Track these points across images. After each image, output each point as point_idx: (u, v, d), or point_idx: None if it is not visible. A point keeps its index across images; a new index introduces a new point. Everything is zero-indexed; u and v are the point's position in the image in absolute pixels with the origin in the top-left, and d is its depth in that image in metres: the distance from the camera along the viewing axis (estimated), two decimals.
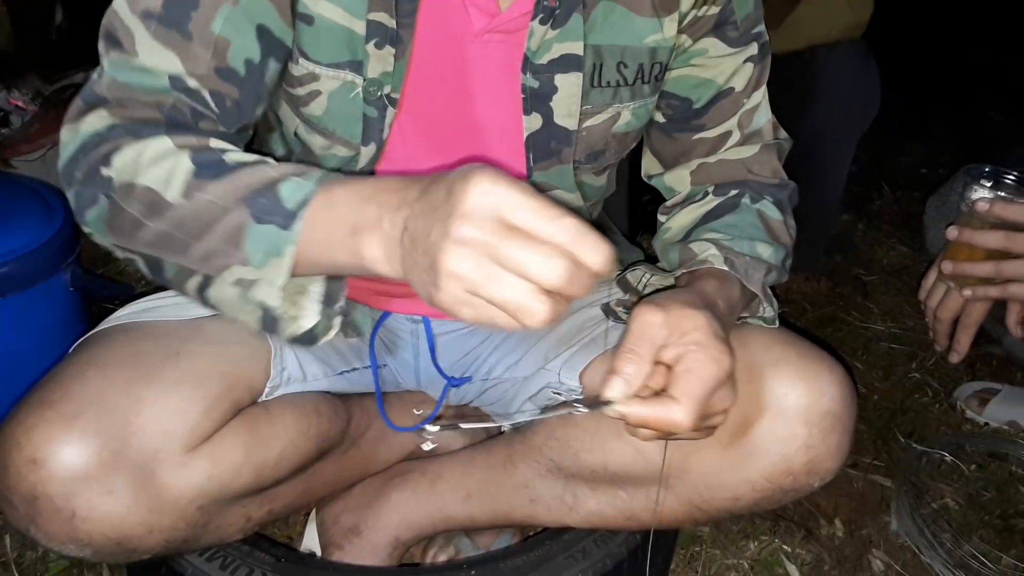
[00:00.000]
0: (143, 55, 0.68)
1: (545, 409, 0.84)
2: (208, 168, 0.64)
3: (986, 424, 1.40)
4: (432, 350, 0.95)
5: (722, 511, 0.80)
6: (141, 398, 0.69)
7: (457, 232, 0.51)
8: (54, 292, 1.13)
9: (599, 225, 0.98)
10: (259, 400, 0.79)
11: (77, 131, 0.69)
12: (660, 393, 0.63)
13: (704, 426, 0.65)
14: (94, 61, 1.97)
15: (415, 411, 1.00)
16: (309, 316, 0.66)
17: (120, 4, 0.70)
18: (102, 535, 0.68)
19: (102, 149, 0.67)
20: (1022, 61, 2.49)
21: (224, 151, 0.67)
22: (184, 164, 0.65)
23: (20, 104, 1.73)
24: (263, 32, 0.71)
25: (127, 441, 0.68)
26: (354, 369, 0.91)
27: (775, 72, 1.41)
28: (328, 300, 0.67)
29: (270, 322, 0.66)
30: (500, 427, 0.96)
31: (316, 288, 0.66)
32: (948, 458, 1.30)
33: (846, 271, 1.84)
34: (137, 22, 0.68)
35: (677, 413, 0.61)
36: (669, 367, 0.63)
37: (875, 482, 1.27)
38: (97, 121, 0.68)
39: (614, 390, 0.61)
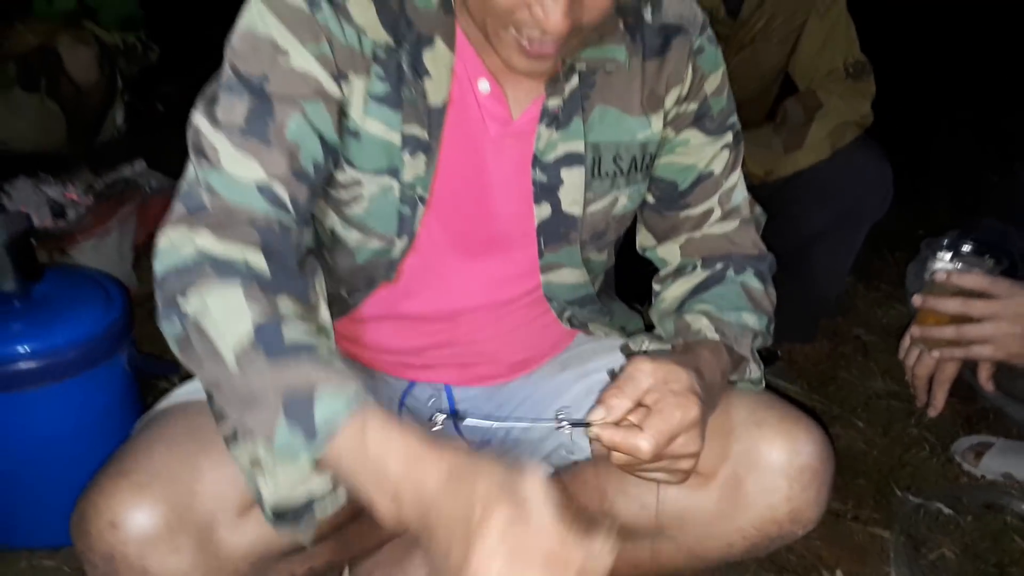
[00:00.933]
0: (228, 165, 0.77)
1: (535, 421, 0.94)
2: (264, 339, 0.70)
3: (982, 476, 1.46)
4: (453, 418, 1.05)
5: (718, 558, 0.89)
6: (201, 468, 0.80)
7: (481, 550, 0.58)
8: (114, 372, 1.25)
9: (603, 296, 1.10)
10: None
11: (174, 247, 0.76)
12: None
13: (674, 468, 0.76)
14: (139, 155, 2.13)
15: None
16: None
17: (200, 121, 0.80)
18: None
19: (184, 280, 0.73)
20: (1013, 119, 2.60)
21: (283, 321, 0.72)
22: (245, 328, 0.70)
23: (74, 197, 1.89)
24: (323, 139, 0.82)
25: (190, 506, 0.79)
26: None
27: (806, 179, 1.54)
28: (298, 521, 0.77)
29: (257, 496, 0.77)
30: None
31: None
32: (945, 510, 1.36)
33: (847, 331, 1.93)
34: (221, 136, 0.78)
35: (640, 442, 0.72)
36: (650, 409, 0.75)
37: (875, 534, 1.34)
38: (192, 247, 0.74)
39: (595, 415, 0.74)
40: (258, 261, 0.75)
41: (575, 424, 0.76)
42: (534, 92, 0.88)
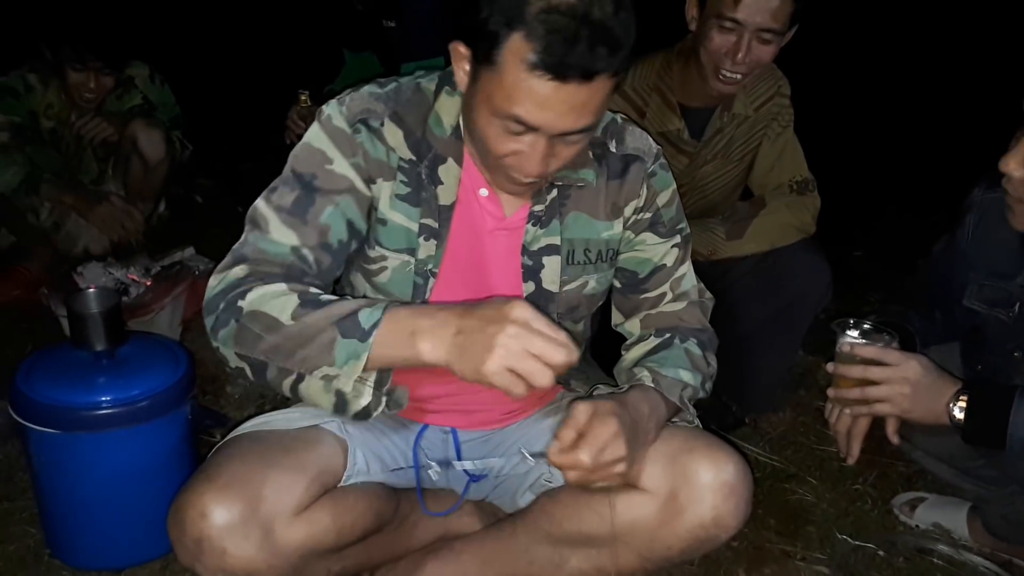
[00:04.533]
0: (273, 233, 1.08)
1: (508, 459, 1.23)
2: (310, 303, 1.00)
3: (916, 526, 1.68)
4: (458, 454, 1.30)
5: (662, 559, 1.13)
6: (266, 478, 1.06)
7: (508, 331, 0.90)
8: (177, 420, 1.51)
9: (583, 361, 1.37)
10: (339, 485, 1.15)
11: (225, 277, 1.06)
12: None
13: (608, 473, 1.02)
14: (188, 242, 2.47)
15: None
16: (364, 397, 1.01)
17: (260, 202, 1.11)
18: (242, 568, 1.03)
19: (240, 288, 1.04)
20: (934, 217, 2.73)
21: (320, 293, 1.03)
22: (293, 299, 1.01)
23: (135, 278, 2.19)
24: (350, 224, 1.12)
25: (257, 506, 1.04)
26: (402, 468, 1.27)
27: (756, 266, 1.82)
28: (378, 386, 1.02)
29: (342, 404, 1.01)
30: None
31: (371, 378, 1.01)
32: (880, 552, 1.58)
33: (809, 404, 2.15)
34: (272, 212, 1.09)
35: (580, 455, 0.99)
36: None
37: (819, 572, 1.55)
38: (240, 272, 1.06)
39: (551, 447, 1.01)
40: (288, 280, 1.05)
41: (538, 457, 1.05)
42: (523, 199, 1.18)
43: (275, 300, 1.01)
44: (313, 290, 1.03)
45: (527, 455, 1.06)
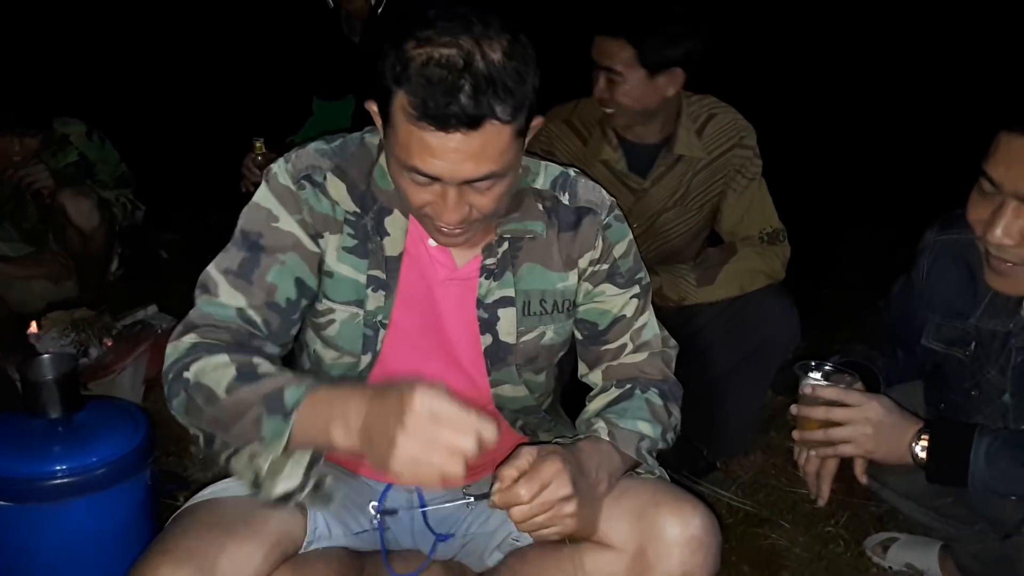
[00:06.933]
0: (222, 296, 1.11)
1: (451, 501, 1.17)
2: (245, 376, 1.02)
3: (889, 567, 1.68)
4: (424, 514, 1.28)
5: None
6: (224, 548, 1.03)
7: (408, 426, 0.89)
8: (138, 487, 1.47)
9: (552, 413, 1.36)
10: (300, 551, 1.12)
11: (176, 348, 1.09)
12: None
13: (556, 514, 1.01)
14: (149, 301, 2.43)
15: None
16: (292, 479, 1.01)
17: (211, 267, 1.14)
18: None
19: (185, 361, 1.07)
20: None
21: (258, 365, 1.04)
22: (231, 372, 1.03)
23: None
24: (299, 282, 1.14)
25: None
26: (365, 531, 1.24)
27: (725, 311, 1.83)
28: (309, 467, 1.02)
29: (257, 484, 1.03)
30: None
31: (304, 459, 1.01)
32: None
33: (780, 445, 2.15)
34: (220, 276, 1.12)
35: (518, 488, 1.00)
36: None
37: None
38: (188, 341, 1.08)
39: (494, 488, 1.01)
40: (234, 347, 1.07)
41: (479, 497, 1.06)
42: (475, 251, 1.19)
43: (214, 372, 1.04)
44: (255, 360, 1.05)
45: (466, 494, 1.08)
